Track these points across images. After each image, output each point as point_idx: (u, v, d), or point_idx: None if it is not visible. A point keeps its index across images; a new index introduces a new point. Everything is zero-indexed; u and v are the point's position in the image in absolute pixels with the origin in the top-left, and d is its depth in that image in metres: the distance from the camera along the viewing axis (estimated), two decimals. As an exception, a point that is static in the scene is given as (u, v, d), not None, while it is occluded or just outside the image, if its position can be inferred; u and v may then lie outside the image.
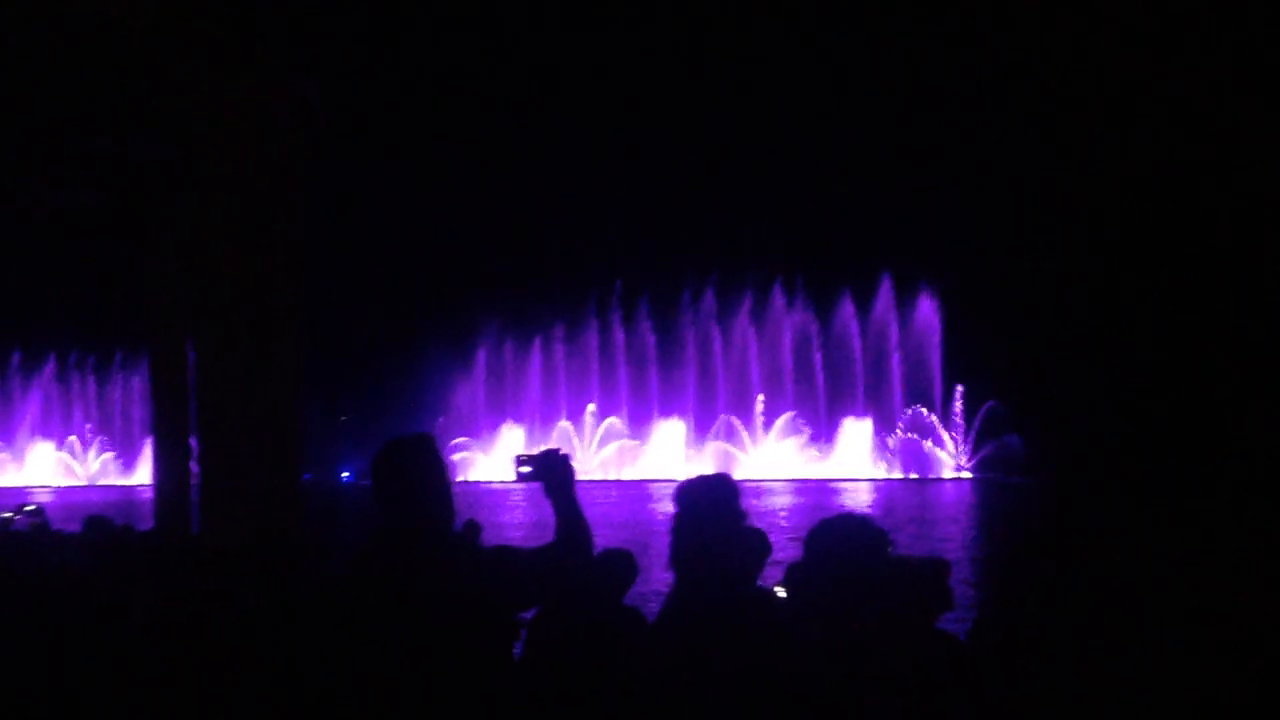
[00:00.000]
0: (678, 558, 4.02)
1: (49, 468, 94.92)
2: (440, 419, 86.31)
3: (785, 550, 7.90)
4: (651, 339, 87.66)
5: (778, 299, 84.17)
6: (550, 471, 4.04)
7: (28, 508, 11.92)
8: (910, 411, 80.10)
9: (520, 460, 4.09)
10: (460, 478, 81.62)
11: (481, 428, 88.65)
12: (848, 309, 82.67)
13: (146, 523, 15.40)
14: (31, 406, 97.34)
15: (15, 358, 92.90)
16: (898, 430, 79.96)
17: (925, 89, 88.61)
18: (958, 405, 79.54)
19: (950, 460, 78.73)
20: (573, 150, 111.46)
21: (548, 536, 4.11)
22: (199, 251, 13.53)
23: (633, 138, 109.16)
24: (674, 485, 4.32)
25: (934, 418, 79.70)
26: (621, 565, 5.65)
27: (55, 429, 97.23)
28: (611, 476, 79.96)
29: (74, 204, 17.29)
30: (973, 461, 78.08)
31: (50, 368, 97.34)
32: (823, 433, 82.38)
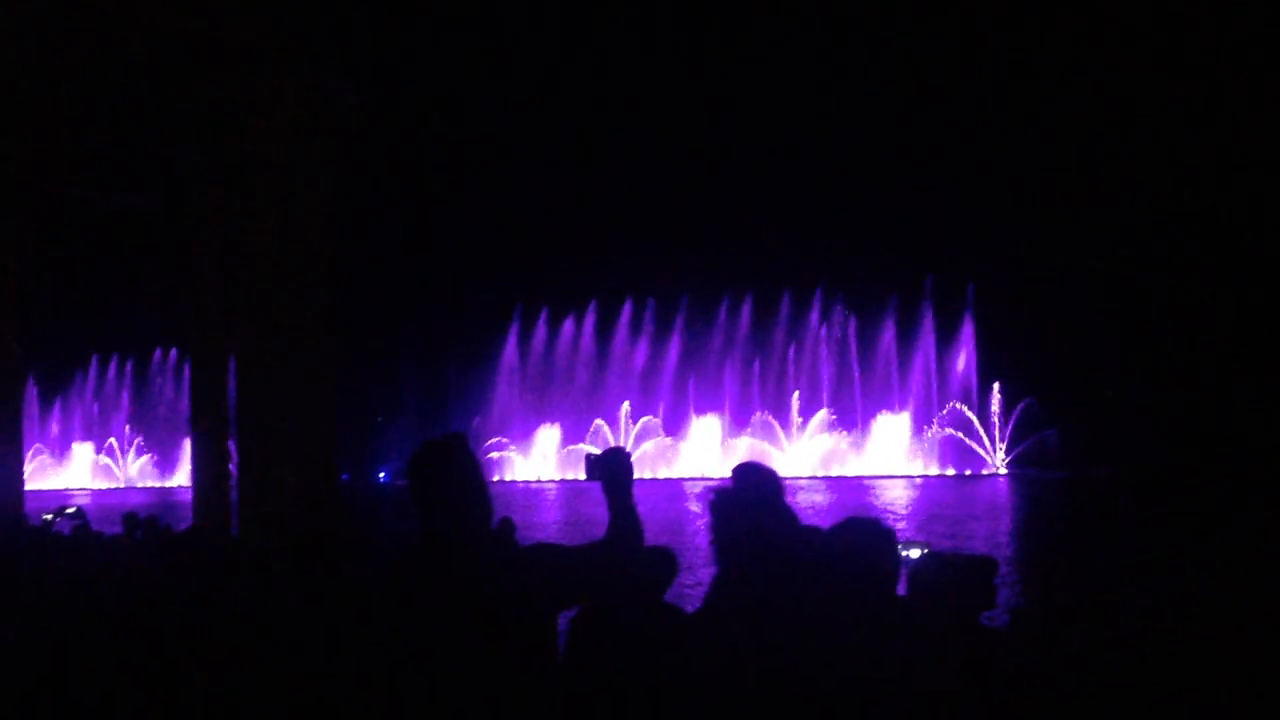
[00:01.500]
0: (724, 541, 4.02)
1: (88, 470, 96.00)
2: (476, 419, 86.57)
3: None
4: (679, 340, 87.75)
5: (816, 301, 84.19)
6: (611, 469, 4.05)
7: (68, 509, 12.02)
8: (948, 408, 79.75)
9: (590, 459, 4.09)
10: (496, 477, 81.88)
11: (517, 428, 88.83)
12: (887, 311, 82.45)
13: (186, 523, 15.55)
14: (72, 410, 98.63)
15: (56, 359, 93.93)
16: (933, 426, 79.60)
17: (940, 94, 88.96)
18: (995, 401, 79.20)
19: (989, 457, 78.39)
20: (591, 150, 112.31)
21: (579, 534, 4.08)
22: (238, 256, 13.67)
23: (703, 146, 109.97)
24: (708, 483, 4.36)
25: (971, 414, 79.33)
26: (663, 562, 5.63)
27: (94, 432, 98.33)
28: (648, 475, 79.99)
29: (123, 206, 17.50)
30: (1009, 457, 77.72)
31: (92, 371, 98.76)
32: (859, 430, 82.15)
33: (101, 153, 14.34)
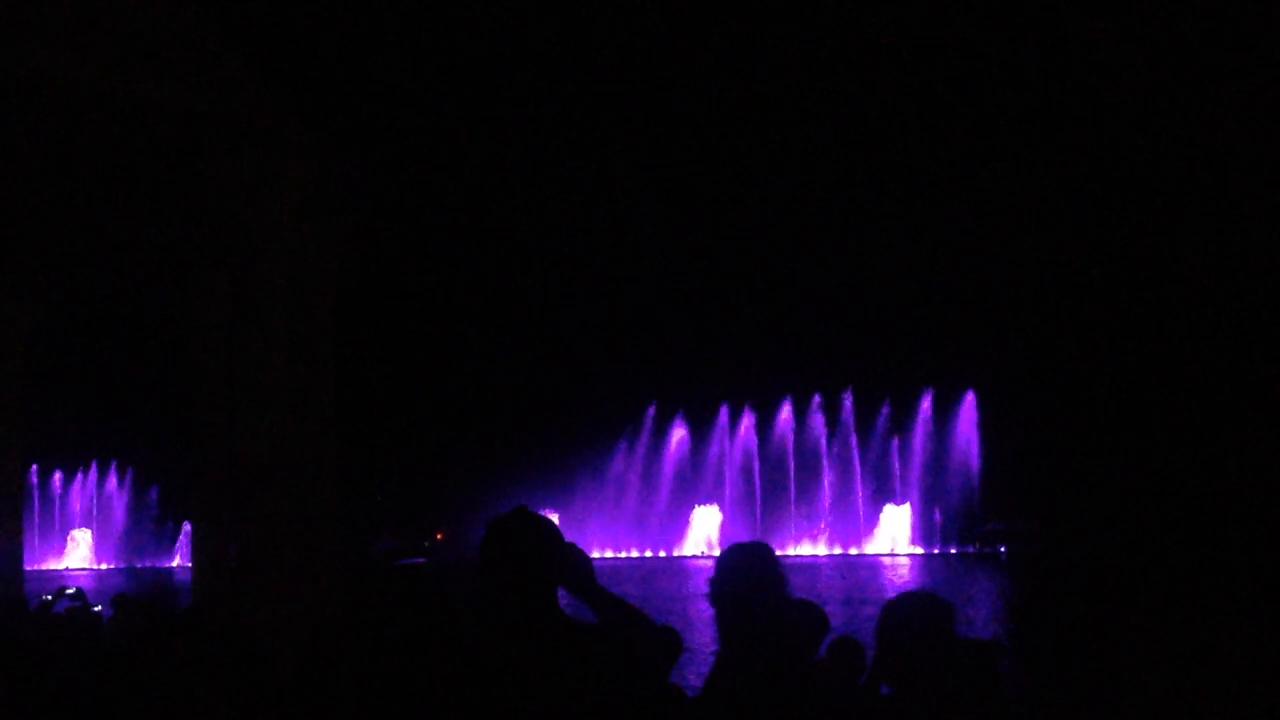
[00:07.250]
0: (725, 626, 3.91)
1: (87, 552, 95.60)
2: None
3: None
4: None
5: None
6: (570, 570, 3.65)
7: (67, 591, 11.98)
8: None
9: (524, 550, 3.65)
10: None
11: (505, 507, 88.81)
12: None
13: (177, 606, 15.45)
14: (73, 495, 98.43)
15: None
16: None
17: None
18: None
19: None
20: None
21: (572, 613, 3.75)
22: (240, 340, 13.70)
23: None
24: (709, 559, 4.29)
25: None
26: (668, 641, 5.43)
27: (93, 517, 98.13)
28: (649, 553, 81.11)
29: (127, 289, 17.56)
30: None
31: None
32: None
33: (102, 238, 14.47)
